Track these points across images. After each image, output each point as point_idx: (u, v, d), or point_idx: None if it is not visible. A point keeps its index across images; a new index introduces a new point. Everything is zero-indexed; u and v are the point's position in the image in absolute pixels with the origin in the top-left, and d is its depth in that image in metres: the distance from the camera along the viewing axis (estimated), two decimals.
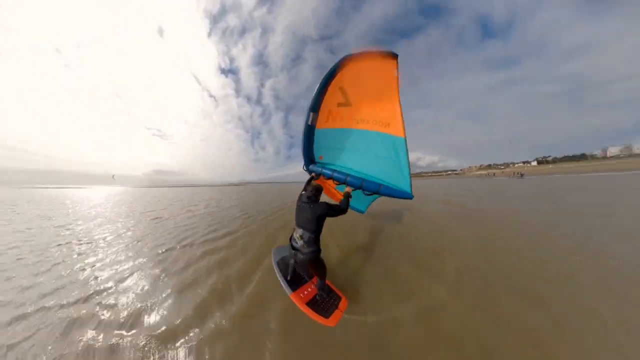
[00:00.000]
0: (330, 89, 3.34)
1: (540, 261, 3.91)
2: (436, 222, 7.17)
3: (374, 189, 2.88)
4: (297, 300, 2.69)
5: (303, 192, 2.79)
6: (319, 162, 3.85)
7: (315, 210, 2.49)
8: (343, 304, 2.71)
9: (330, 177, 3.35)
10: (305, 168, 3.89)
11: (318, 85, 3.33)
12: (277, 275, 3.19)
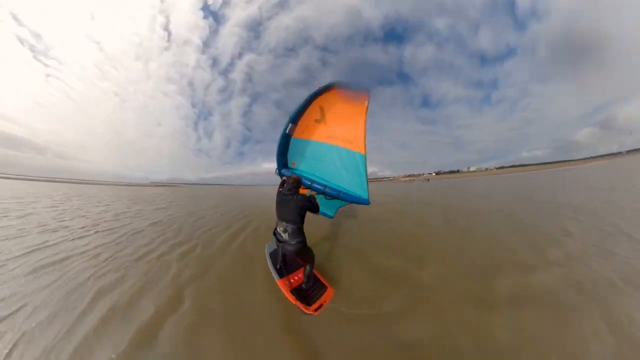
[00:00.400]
0: (312, 106, 3.80)
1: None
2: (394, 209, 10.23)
3: (335, 195, 3.41)
4: (283, 286, 2.77)
5: (281, 189, 2.84)
6: (292, 168, 4.22)
7: (297, 201, 2.57)
8: (329, 294, 2.82)
9: (309, 187, 3.61)
10: (277, 172, 4.19)
11: (303, 100, 3.74)
12: (268, 264, 3.34)
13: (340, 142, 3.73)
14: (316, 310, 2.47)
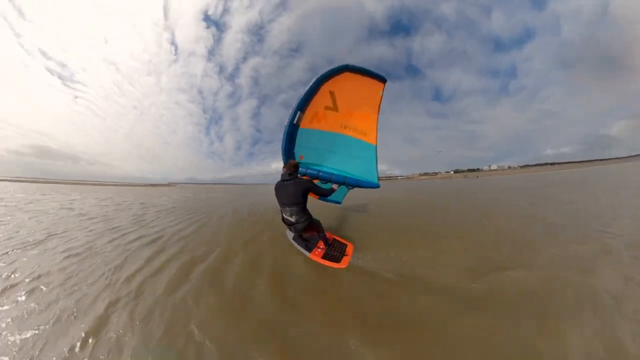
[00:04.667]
0: (321, 90, 3.49)
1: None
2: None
3: (354, 184, 3.70)
4: (315, 257, 3.26)
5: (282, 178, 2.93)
6: (301, 162, 3.79)
7: (297, 184, 2.73)
8: (349, 249, 3.45)
9: (316, 177, 3.67)
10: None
11: (311, 83, 3.38)
12: (297, 246, 3.67)
13: (355, 133, 3.81)
14: (347, 263, 3.04)
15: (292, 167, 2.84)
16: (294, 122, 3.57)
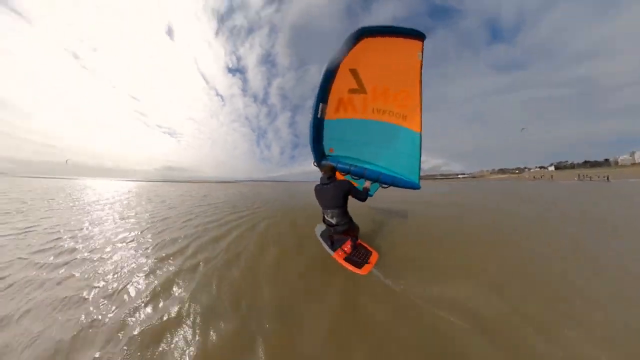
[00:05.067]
0: (340, 71, 2.89)
1: None
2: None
3: (389, 182, 3.04)
4: (338, 257, 3.14)
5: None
6: (330, 156, 3.64)
7: (338, 187, 2.69)
8: (374, 257, 3.12)
9: (347, 172, 3.29)
10: (315, 163, 3.67)
11: (327, 65, 2.88)
12: (322, 243, 3.64)
13: (391, 118, 2.99)
14: (367, 271, 2.78)
15: (329, 171, 2.83)
16: (318, 116, 3.20)
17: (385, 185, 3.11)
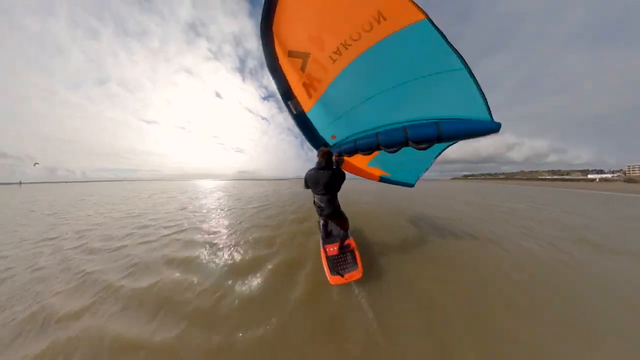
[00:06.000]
0: (278, 57, 2.29)
1: None
2: None
3: (430, 133, 1.80)
4: (323, 252, 3.17)
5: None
6: (335, 143, 3.30)
7: (324, 176, 2.72)
8: (355, 274, 2.71)
9: (354, 150, 2.65)
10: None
11: (265, 59, 2.33)
12: (320, 230, 3.80)
13: (362, 43, 1.76)
14: (336, 282, 2.60)
15: (322, 156, 2.73)
16: (294, 112, 2.78)
17: (424, 145, 1.87)
